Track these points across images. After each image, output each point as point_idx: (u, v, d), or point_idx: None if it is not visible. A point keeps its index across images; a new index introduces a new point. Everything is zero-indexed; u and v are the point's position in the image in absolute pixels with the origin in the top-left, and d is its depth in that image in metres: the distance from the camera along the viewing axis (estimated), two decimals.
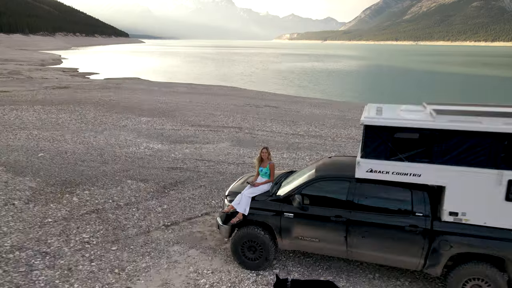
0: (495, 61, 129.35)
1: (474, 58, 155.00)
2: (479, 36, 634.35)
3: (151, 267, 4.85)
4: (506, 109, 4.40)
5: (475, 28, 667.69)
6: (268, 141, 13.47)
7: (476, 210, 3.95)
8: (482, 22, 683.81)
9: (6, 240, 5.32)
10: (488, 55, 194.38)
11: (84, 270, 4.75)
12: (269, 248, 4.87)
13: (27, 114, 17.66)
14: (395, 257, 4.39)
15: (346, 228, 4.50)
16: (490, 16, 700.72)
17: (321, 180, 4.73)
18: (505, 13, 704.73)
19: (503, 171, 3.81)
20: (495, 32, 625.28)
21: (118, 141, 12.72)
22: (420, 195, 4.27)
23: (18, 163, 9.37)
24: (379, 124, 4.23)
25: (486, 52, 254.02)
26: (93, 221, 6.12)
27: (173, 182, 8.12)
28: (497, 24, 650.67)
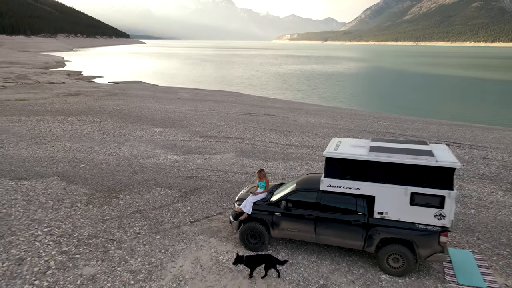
0: (493, 64, 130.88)
1: (473, 60, 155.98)
2: (479, 36, 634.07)
3: (185, 249, 7.10)
4: (415, 146, 6.67)
5: (475, 29, 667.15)
6: (267, 152, 15.57)
7: (394, 211, 6.22)
8: (482, 23, 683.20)
9: (83, 231, 7.54)
10: (487, 57, 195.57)
11: (141, 250, 6.99)
12: (265, 236, 7.12)
13: (53, 126, 19.72)
14: (346, 241, 6.62)
15: (315, 223, 6.75)
16: (490, 17, 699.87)
17: (299, 191, 6.98)
18: (505, 13, 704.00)
19: (407, 187, 6.11)
20: (495, 32, 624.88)
21: (139, 152, 14.89)
22: (360, 201, 6.50)
23: (67, 173, 11.55)
24: (334, 157, 6.46)
25: (485, 53, 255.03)
26: (139, 219, 8.36)
27: (192, 189, 10.34)
28: (497, 24, 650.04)
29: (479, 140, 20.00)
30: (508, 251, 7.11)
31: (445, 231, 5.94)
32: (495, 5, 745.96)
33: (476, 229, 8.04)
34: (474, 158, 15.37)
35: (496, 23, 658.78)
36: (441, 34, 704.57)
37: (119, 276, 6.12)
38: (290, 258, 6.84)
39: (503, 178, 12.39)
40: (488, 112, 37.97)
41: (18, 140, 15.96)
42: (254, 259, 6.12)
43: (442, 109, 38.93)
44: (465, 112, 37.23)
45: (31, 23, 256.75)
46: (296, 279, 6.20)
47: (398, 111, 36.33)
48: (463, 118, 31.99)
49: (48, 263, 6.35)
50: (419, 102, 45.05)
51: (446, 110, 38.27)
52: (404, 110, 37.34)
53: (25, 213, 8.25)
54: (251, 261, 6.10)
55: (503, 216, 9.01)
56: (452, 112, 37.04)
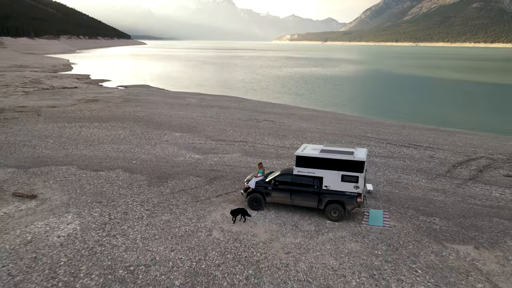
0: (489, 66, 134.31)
1: (470, 62, 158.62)
2: (479, 37, 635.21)
3: (215, 209, 11.86)
4: (345, 149, 11.56)
5: (474, 29, 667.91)
6: (265, 152, 20.43)
7: (333, 185, 11.07)
8: (482, 23, 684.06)
9: (153, 200, 12.47)
10: (485, 59, 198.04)
11: (190, 210, 11.71)
12: (262, 201, 11.93)
13: (95, 131, 24.48)
14: (308, 202, 11.41)
15: (290, 193, 11.60)
16: (490, 17, 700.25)
17: (282, 175, 11.86)
18: (504, 14, 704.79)
19: (339, 171, 11.00)
20: (495, 33, 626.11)
21: (170, 152, 19.76)
22: (315, 180, 11.31)
23: (126, 167, 16.29)
24: (301, 155, 11.33)
25: (484, 55, 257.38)
26: (184, 194, 13.15)
27: (213, 177, 15.15)
28: (497, 25, 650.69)
29: (437, 143, 24.77)
30: (404, 210, 12.04)
31: (359, 195, 10.85)
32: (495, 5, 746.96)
33: (393, 200, 12.97)
34: (423, 157, 20.25)
35: (496, 23, 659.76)
36: (440, 35, 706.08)
37: (182, 220, 11.05)
38: (276, 214, 11.76)
39: (433, 171, 17.33)
40: (465, 116, 42.67)
41: (75, 143, 20.91)
42: (236, 211, 10.99)
43: (425, 113, 43.48)
44: (445, 116, 41.82)
45: (34, 25, 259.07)
46: (279, 223, 11.12)
47: (383, 115, 41.07)
48: (439, 122, 36.58)
49: (141, 214, 11.32)
50: (406, 106, 49.57)
51: (429, 114, 42.77)
52: (389, 114, 42.11)
53: (114, 190, 13.22)
54: (234, 212, 10.86)
55: (415, 194, 13.96)
56: (434, 116, 41.59)
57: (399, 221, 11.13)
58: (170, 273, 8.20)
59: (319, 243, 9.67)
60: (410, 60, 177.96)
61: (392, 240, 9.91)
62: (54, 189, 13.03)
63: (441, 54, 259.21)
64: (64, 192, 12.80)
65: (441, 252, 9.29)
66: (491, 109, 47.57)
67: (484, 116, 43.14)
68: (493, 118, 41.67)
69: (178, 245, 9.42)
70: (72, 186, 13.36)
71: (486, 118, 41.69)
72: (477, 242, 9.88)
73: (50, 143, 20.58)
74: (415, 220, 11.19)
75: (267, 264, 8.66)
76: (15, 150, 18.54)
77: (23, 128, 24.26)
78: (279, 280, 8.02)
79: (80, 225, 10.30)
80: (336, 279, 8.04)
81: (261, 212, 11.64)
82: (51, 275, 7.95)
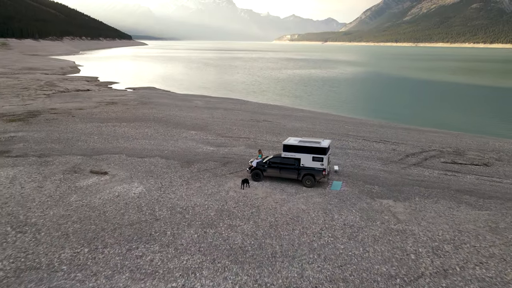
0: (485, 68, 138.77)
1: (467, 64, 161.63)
2: (478, 38, 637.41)
3: (230, 181, 17.55)
4: (316, 139, 17.40)
5: (474, 30, 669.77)
6: (263, 146, 26.16)
7: (307, 163, 16.81)
8: (481, 24, 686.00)
9: (184, 175, 18.18)
10: (484, 60, 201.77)
11: (213, 181, 17.52)
12: (261, 175, 17.63)
13: (126, 130, 30.21)
14: (291, 175, 17.08)
15: (279, 169, 17.37)
16: (490, 18, 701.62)
17: (274, 157, 17.65)
18: (504, 14, 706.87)
19: (311, 154, 16.80)
20: (494, 33, 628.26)
21: (190, 145, 25.53)
22: (296, 160, 17.10)
23: (161, 155, 21.87)
24: (286, 144, 17.24)
25: (483, 56, 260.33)
26: (207, 172, 18.78)
27: (226, 162, 20.83)
28: (496, 25, 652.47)
29: (404, 139, 30.50)
30: (357, 182, 17.85)
31: (324, 170, 16.69)
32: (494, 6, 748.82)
33: (351, 176, 18.81)
34: (386, 150, 26.05)
35: (495, 24, 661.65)
36: (440, 35, 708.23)
37: (208, 186, 16.83)
38: (270, 183, 17.56)
39: (389, 159, 23.15)
40: (446, 116, 48.01)
41: (115, 139, 26.72)
42: (243, 181, 16.78)
43: (410, 114, 48.82)
44: (426, 117, 47.06)
45: (38, 27, 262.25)
46: (272, 187, 16.96)
47: (369, 115, 46.51)
48: (419, 122, 41.82)
49: (181, 183, 17.17)
50: (394, 107, 54.93)
51: (413, 115, 48.13)
52: (375, 114, 47.51)
53: (158, 169, 19.08)
54: (242, 182, 16.66)
55: (368, 173, 19.79)
56: (416, 116, 46.88)
57: (351, 187, 17.00)
58: (206, 211, 14.06)
59: (296, 198, 15.54)
60: (408, 61, 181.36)
61: (342, 197, 15.77)
62: (117, 169, 18.92)
63: (440, 55, 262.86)
64: (125, 170, 18.69)
65: (371, 202, 15.14)
66: (474, 111, 52.92)
67: (463, 116, 48.56)
68: (471, 119, 47.13)
69: (209, 198, 15.29)
70: (129, 167, 19.25)
71: (464, 118, 47.14)
72: (396, 198, 15.73)
73: (96, 138, 26.42)
74: (362, 187, 17.05)
75: (263, 207, 14.52)
76: (73, 144, 24.41)
77: (68, 127, 30.01)
78: (270, 214, 13.88)
79: (144, 188, 16.18)
80: (303, 213, 13.90)
81: (260, 182, 17.51)
82: (140, 210, 13.81)
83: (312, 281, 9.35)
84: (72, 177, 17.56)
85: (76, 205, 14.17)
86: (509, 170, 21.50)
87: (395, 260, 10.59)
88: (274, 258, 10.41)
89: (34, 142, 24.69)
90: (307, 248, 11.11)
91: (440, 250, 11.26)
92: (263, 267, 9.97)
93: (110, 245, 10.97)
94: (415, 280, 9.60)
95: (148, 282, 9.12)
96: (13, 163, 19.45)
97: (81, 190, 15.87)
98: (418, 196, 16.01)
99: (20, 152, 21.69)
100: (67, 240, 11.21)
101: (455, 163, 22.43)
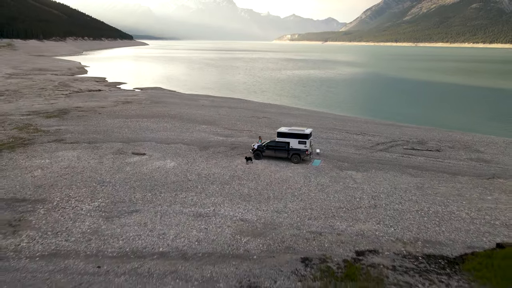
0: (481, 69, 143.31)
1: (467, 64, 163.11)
2: (478, 38, 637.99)
3: (237, 159, 23.71)
4: (301, 128, 23.49)
5: (473, 30, 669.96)
6: (263, 136, 32.30)
7: (294, 145, 22.97)
8: (481, 24, 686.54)
9: (208, 154, 24.42)
10: (483, 60, 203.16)
11: (225, 159, 23.72)
12: (260, 155, 23.83)
13: (148, 124, 36.26)
14: (283, 155, 23.41)
15: (274, 150, 23.57)
16: (489, 18, 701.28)
17: (271, 142, 23.87)
18: (503, 14, 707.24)
19: (297, 139, 22.94)
20: (493, 33, 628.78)
21: (203, 136, 31.63)
22: (287, 143, 23.31)
23: (183, 141, 28.25)
24: (279, 131, 23.57)
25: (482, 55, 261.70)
26: (219, 154, 24.92)
27: (234, 147, 26.85)
28: (496, 25, 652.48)
29: (381, 132, 36.44)
30: (332, 160, 23.92)
31: (307, 150, 22.78)
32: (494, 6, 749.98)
33: (329, 157, 24.91)
34: (363, 140, 32.12)
35: (495, 24, 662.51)
36: (440, 35, 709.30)
37: (222, 162, 22.98)
38: (267, 160, 23.65)
39: (362, 146, 29.24)
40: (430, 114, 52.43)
41: (143, 131, 32.80)
42: (247, 158, 22.90)
43: (395, 112, 53.38)
44: (412, 114, 51.34)
45: (42, 27, 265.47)
46: (269, 163, 23.04)
47: (358, 113, 51.54)
48: (401, 119, 46.47)
49: (202, 160, 23.32)
50: (384, 106, 59.88)
51: (398, 113, 52.60)
52: (364, 112, 52.50)
53: (182, 151, 25.21)
54: (246, 159, 22.86)
55: (343, 155, 25.89)
56: (400, 114, 51.27)
57: (327, 163, 23.13)
58: (222, 176, 20.19)
59: (285, 170, 21.66)
60: (407, 62, 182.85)
61: (320, 169, 21.88)
62: (152, 151, 25.05)
63: (439, 56, 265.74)
64: (158, 152, 24.82)
65: (339, 172, 21.24)
66: (460, 110, 57.20)
67: (447, 114, 52.50)
68: (454, 116, 51.56)
69: (223, 169, 21.42)
70: (160, 150, 25.38)
71: (448, 116, 51.46)
72: (358, 170, 21.85)
73: (126, 131, 32.50)
74: (335, 164, 23.17)
75: (262, 174, 20.64)
76: (110, 135, 30.53)
77: (99, 122, 36.03)
78: (267, 178, 20.01)
79: (176, 163, 22.32)
80: (290, 178, 20.02)
81: (260, 160, 23.64)
82: (177, 175, 19.95)
83: (291, 208, 15.45)
84: (120, 156, 23.70)
85: (132, 172, 20.31)
86: (455, 154, 27.60)
87: (345, 201, 16.71)
88: (268, 199, 16.52)
89: (78, 133, 30.80)
90: (290, 195, 17.22)
91: (377, 196, 17.37)
92: (261, 203, 16.09)
93: (163, 192, 17.08)
94: (355, 209, 15.71)
95: (192, 208, 15.23)
96: (72, 147, 25.61)
97: (131, 164, 22.01)
98: (374, 169, 22.14)
99: (72, 140, 27.86)
100: (135, 190, 17.33)
101: (413, 149, 28.53)
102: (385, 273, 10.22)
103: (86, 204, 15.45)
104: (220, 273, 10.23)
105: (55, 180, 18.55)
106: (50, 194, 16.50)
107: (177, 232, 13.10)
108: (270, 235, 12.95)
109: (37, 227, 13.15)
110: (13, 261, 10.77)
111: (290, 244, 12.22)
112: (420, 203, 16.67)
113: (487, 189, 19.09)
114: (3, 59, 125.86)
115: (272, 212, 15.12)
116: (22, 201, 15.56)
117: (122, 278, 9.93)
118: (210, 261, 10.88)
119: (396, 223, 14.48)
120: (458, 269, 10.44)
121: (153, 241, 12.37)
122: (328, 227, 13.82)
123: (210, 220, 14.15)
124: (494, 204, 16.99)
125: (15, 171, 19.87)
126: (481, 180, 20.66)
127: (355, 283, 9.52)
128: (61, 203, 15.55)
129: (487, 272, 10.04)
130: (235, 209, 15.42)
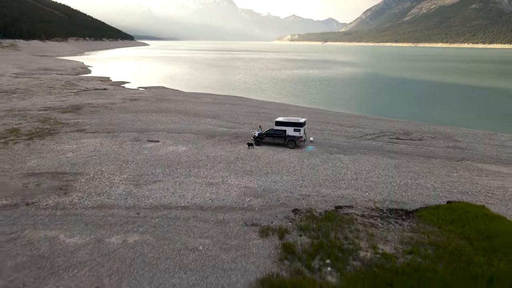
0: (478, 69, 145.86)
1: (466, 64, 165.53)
2: (477, 38, 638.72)
3: (240, 145, 26.98)
4: (296, 117, 26.75)
5: (473, 30, 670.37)
6: (263, 127, 35.76)
7: (290, 133, 26.33)
8: (481, 24, 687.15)
9: (214, 141, 27.56)
10: (481, 60, 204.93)
11: (229, 145, 27.01)
12: (260, 142, 27.17)
13: (158, 118, 39.73)
14: (280, 141, 26.75)
15: (273, 137, 26.90)
16: (489, 18, 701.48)
17: (269, 130, 27.21)
18: (503, 15, 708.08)
19: (293, 127, 26.28)
20: (493, 34, 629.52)
21: (209, 128, 34.91)
22: (284, 131, 26.65)
23: (191, 131, 31.49)
24: (276, 120, 27.03)
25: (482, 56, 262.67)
26: (225, 141, 28.27)
27: (237, 136, 30.10)
28: (495, 26, 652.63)
29: (371, 126, 39.67)
30: (324, 146, 27.29)
31: (301, 137, 26.09)
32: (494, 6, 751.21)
33: (321, 144, 28.23)
34: (353, 131, 35.42)
35: (494, 24, 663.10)
36: (440, 36, 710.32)
37: (227, 147, 26.28)
38: (267, 146, 26.94)
39: (351, 136, 32.56)
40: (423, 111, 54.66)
41: (153, 123, 36.14)
42: (249, 144, 26.23)
43: (390, 108, 55.95)
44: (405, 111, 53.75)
45: (44, 28, 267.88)
46: (268, 148, 26.38)
47: (354, 109, 54.23)
48: (394, 115, 49.10)
49: (209, 146, 26.65)
50: (379, 103, 62.36)
51: (392, 109, 55.13)
52: (359, 109, 55.06)
53: (191, 139, 28.50)
54: (248, 145, 26.21)
55: (334, 143, 29.19)
56: (394, 110, 53.71)
57: (319, 149, 26.44)
58: (228, 158, 23.48)
59: (283, 153, 24.98)
60: (406, 62, 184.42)
61: (312, 153, 25.19)
62: (164, 139, 28.36)
63: (438, 56, 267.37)
64: (170, 140, 28.14)
65: (329, 155, 24.55)
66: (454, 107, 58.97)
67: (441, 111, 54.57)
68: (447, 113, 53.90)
69: (228, 153, 24.73)
70: (172, 138, 28.70)
71: (441, 113, 53.92)
72: (345, 153, 25.15)
73: (139, 123, 35.80)
74: (326, 149, 26.47)
75: (262, 157, 23.95)
76: (125, 126, 33.84)
77: (113, 116, 39.29)
78: (266, 159, 23.31)
79: (187, 148, 25.64)
80: (286, 159, 23.31)
81: (260, 146, 26.96)
82: (188, 156, 23.26)
83: (286, 180, 18.78)
84: (137, 143, 27.03)
85: (150, 154, 23.64)
86: (434, 143, 30.89)
87: (332, 175, 20.03)
88: (267, 173, 19.84)
89: (96, 125, 34.11)
90: (285, 171, 20.54)
91: (359, 173, 20.68)
92: (261, 176, 19.42)
93: (179, 168, 20.40)
94: (339, 181, 19.03)
95: (204, 179, 18.56)
96: (93, 136, 28.94)
97: (148, 148, 25.34)
98: (360, 153, 25.46)
99: (92, 130, 31.19)
100: (155, 167, 20.66)
101: (398, 139, 31.84)
102: (355, 218, 13.50)
103: (117, 176, 18.77)
104: (230, 218, 13.56)
105: (86, 160, 21.86)
106: (85, 169, 19.81)
107: (193, 194, 16.39)
108: (268, 196, 16.24)
109: (82, 190, 16.44)
110: (72, 209, 14.09)
111: (284, 202, 15.51)
112: (395, 178, 19.97)
113: (454, 168, 22.39)
114: (8, 59, 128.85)
115: (270, 182, 18.42)
116: (64, 174, 18.86)
117: (157, 219, 13.25)
118: (222, 211, 14.19)
119: (371, 190, 17.77)
120: (412, 216, 13.74)
121: (175, 199, 15.66)
122: (315, 192, 17.11)
123: (219, 187, 17.45)
124: (457, 179, 20.28)
125: (50, 153, 23.19)
126: (451, 162, 23.97)
127: (331, 222, 12.80)
128: (96, 175, 18.86)
129: (432, 216, 13.34)
130: (240, 180, 18.72)
